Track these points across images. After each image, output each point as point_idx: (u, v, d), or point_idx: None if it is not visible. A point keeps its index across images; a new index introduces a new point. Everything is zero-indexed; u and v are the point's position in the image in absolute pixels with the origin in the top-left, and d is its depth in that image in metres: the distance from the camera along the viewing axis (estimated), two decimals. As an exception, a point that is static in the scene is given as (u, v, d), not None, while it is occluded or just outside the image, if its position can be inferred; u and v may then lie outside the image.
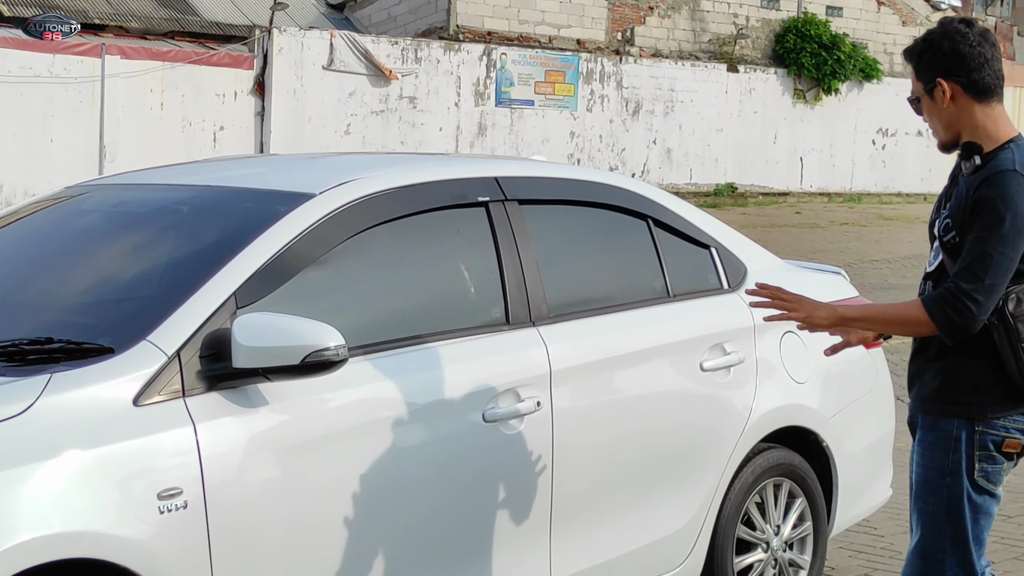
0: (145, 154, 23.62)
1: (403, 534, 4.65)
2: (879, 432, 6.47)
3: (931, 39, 4.43)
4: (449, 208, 5.18)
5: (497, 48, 29.60)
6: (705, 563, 5.64)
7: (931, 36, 4.45)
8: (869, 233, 27.03)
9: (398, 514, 4.63)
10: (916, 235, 26.94)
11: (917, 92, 4.49)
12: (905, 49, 4.58)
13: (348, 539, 4.51)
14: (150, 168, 6.18)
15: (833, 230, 27.28)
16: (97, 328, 4.45)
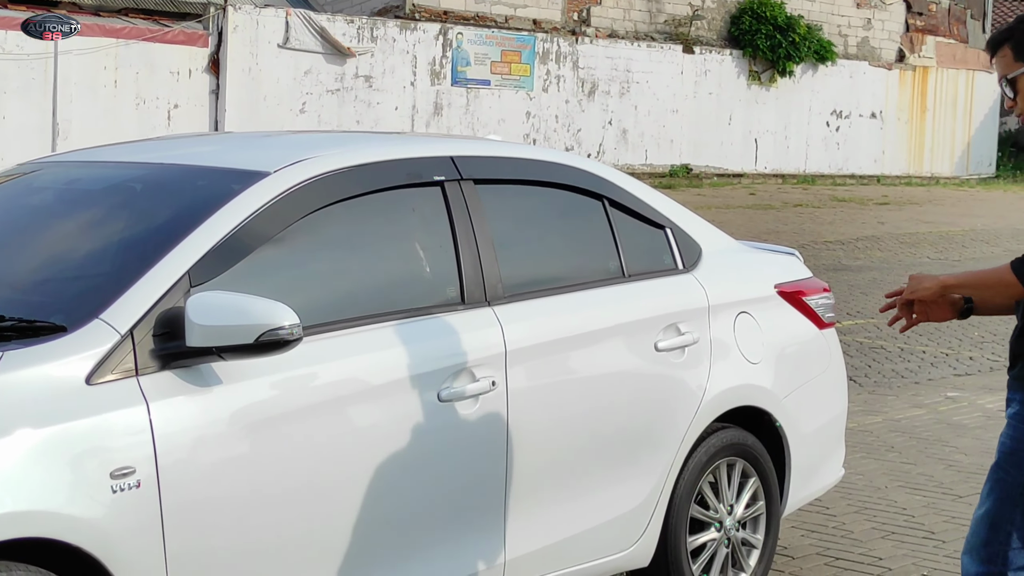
0: (98, 132, 23.54)
1: (357, 513, 4.63)
2: (832, 413, 6.49)
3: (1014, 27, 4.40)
4: (405, 187, 5.17)
5: (453, 27, 29.57)
6: (659, 542, 5.65)
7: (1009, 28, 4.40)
8: (823, 215, 27.14)
9: (353, 493, 4.62)
10: (869, 216, 27.12)
11: (1016, 71, 4.35)
12: (998, 33, 4.46)
13: (302, 518, 4.51)
14: (103, 146, 6.12)
15: (787, 211, 27.40)
16: (49, 306, 4.42)
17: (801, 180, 35.13)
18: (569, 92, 31.33)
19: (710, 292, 5.93)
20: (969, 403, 10.49)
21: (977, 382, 11.36)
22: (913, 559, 6.72)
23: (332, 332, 4.67)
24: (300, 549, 4.52)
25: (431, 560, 4.88)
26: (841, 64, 36.40)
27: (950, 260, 20.68)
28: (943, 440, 9.24)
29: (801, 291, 6.35)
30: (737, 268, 6.23)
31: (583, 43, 31.59)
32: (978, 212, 29.38)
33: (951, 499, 7.81)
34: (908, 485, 8.09)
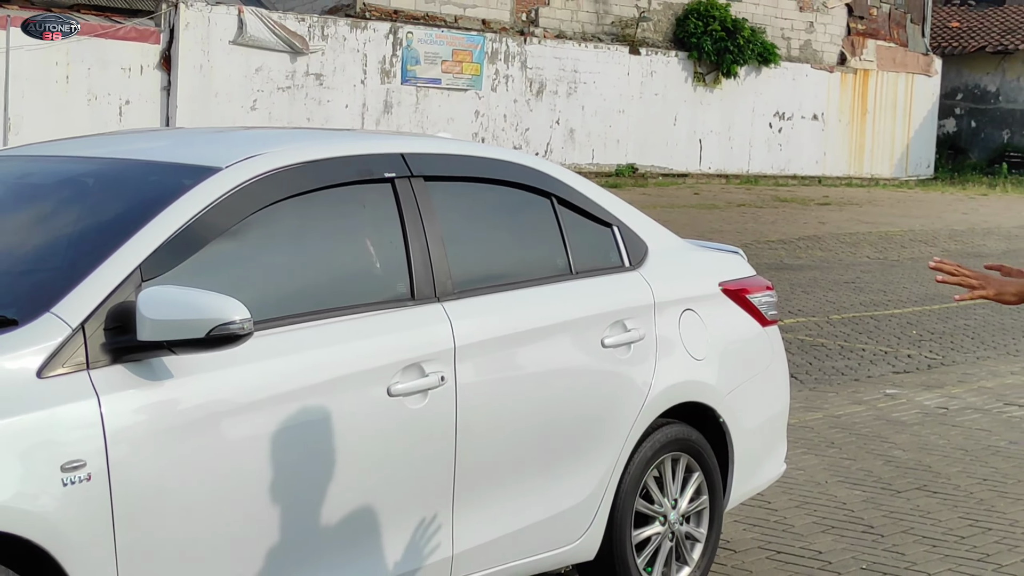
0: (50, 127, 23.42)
1: (307, 507, 4.62)
2: (774, 409, 6.52)
3: None
4: (355, 183, 5.15)
5: (403, 27, 29.53)
6: (604, 535, 5.65)
7: None
8: (765, 215, 27.27)
9: (302, 487, 4.61)
10: (810, 217, 27.27)
11: None
12: None
13: (252, 512, 4.49)
14: (55, 140, 6.08)
15: (730, 211, 27.51)
16: (0, 299, 4.37)
17: (744, 180, 35.32)
18: (517, 92, 31.38)
19: (656, 289, 5.94)
20: (907, 400, 10.55)
21: (915, 380, 11.43)
22: (852, 553, 6.76)
23: (283, 327, 4.64)
24: (249, 542, 4.50)
25: (379, 554, 4.87)
26: (784, 66, 36.62)
27: (889, 260, 20.80)
28: (882, 436, 9.29)
29: (745, 289, 6.37)
30: (682, 266, 6.24)
31: (531, 43, 31.63)
32: (917, 213, 29.58)
33: (890, 494, 7.85)
34: (848, 480, 8.13)
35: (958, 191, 37.39)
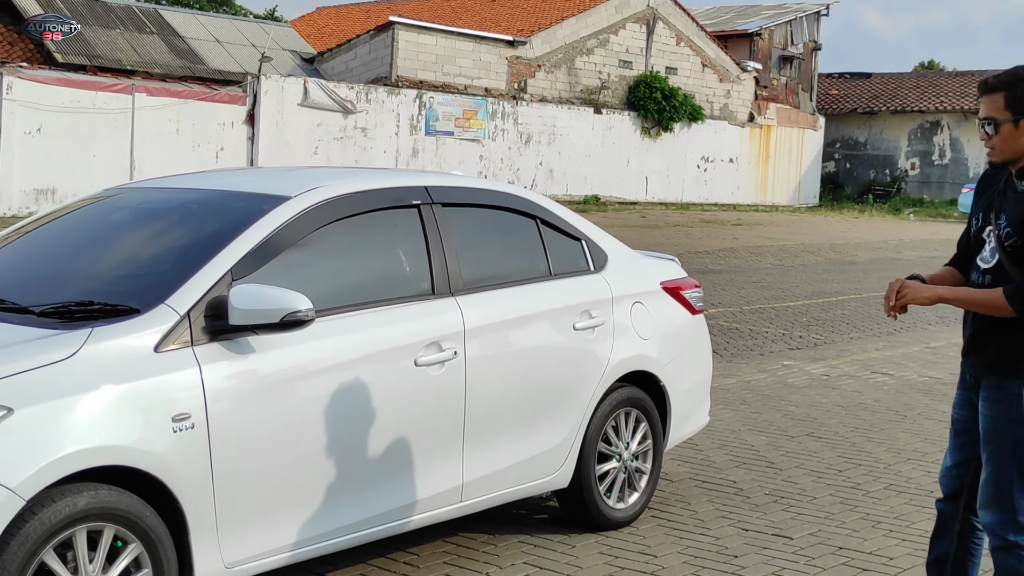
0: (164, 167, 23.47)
1: (352, 447, 4.63)
2: (701, 376, 6.52)
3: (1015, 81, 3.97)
4: (390, 208, 5.15)
5: (427, 93, 29.56)
6: (575, 469, 5.66)
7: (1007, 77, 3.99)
8: (694, 232, 27.29)
9: (349, 433, 4.62)
10: (727, 234, 27.27)
11: (1003, 118, 3.96)
12: (995, 79, 4.01)
13: (313, 452, 4.50)
14: (167, 176, 6.07)
15: (668, 230, 27.53)
16: (127, 294, 4.38)
17: (679, 207, 35.35)
18: (511, 141, 31.42)
19: (613, 287, 5.94)
20: (799, 369, 10.56)
21: (805, 354, 11.44)
22: (759, 482, 6.76)
23: (337, 314, 4.65)
24: (310, 472, 4.51)
25: (408, 481, 4.88)
26: (708, 123, 36.72)
27: (786, 266, 20.80)
28: (780, 396, 9.30)
29: (679, 287, 6.37)
30: (633, 270, 6.23)
31: (521, 105, 31.67)
32: (805, 231, 29.62)
33: (786, 439, 7.86)
34: (755, 428, 8.14)
35: (836, 215, 37.46)
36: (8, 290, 4.61)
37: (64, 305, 4.29)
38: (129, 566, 3.92)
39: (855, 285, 17.69)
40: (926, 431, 8.17)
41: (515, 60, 32.08)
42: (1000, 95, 3.98)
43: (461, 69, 30.83)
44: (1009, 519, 4.07)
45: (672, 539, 5.72)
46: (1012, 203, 4.04)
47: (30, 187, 22.95)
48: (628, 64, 34.83)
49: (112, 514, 3.85)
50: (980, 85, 4.09)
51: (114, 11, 28.90)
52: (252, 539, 4.30)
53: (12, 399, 3.69)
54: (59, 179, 23.07)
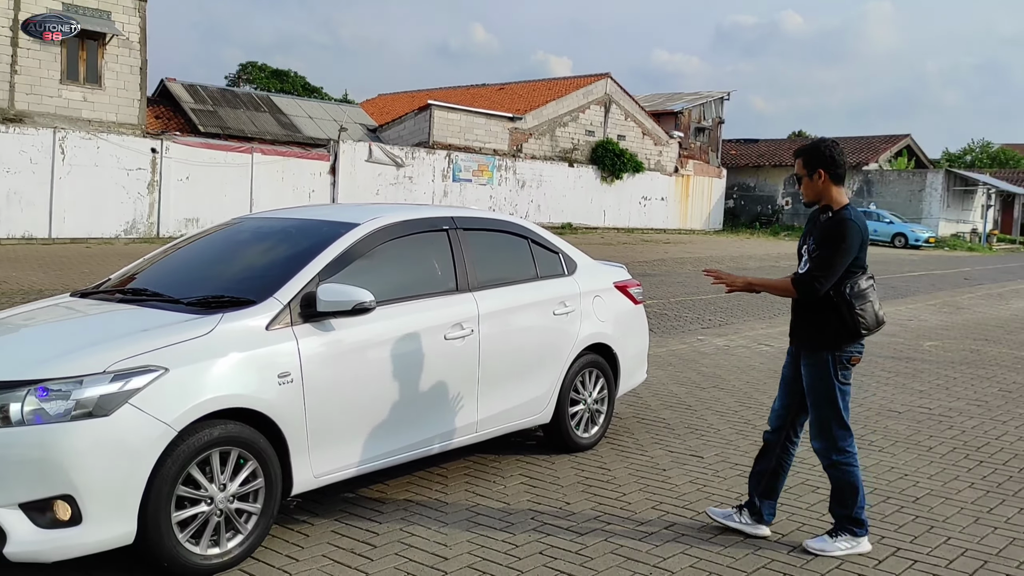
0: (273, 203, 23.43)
1: (402, 395, 4.60)
2: (641, 346, 6.46)
3: (817, 146, 4.15)
4: (428, 231, 5.13)
5: (453, 152, 29.52)
6: (555, 410, 5.62)
7: (818, 145, 4.16)
8: (637, 247, 27.22)
9: (399, 384, 4.59)
10: (659, 249, 27.19)
11: (802, 174, 4.15)
12: (799, 149, 4.19)
13: (373, 398, 4.48)
14: (275, 210, 6.06)
15: (619, 246, 27.44)
16: (246, 290, 4.37)
17: (626, 231, 35.21)
18: (511, 186, 31.35)
19: (581, 285, 5.92)
20: (708, 342, 10.53)
21: (713, 332, 11.41)
22: (679, 419, 6.74)
23: (391, 304, 4.63)
24: (373, 412, 4.49)
25: (439, 419, 4.86)
26: (647, 173, 36.60)
27: (699, 270, 20.74)
28: (695, 360, 9.27)
29: (626, 285, 6.34)
30: (594, 273, 6.21)
31: (519, 161, 31.60)
32: (713, 247, 29.51)
33: (699, 389, 7.84)
34: (677, 382, 8.11)
35: (735, 236, 37.35)
36: (166, 287, 4.62)
37: (204, 298, 4.28)
38: (248, 477, 3.92)
39: (747, 284, 17.58)
40: (795, 384, 8.13)
41: (514, 130, 32.02)
42: (801, 159, 4.20)
43: (477, 136, 30.79)
44: (831, 445, 4.21)
45: (621, 458, 5.71)
46: (817, 229, 4.19)
47: (181, 217, 22.95)
48: (592, 132, 34.76)
49: (237, 441, 3.85)
50: (795, 152, 4.29)
51: (239, 96, 28.98)
52: (332, 458, 4.30)
53: (169, 362, 3.70)
54: (201, 211, 23.05)
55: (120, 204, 21.97)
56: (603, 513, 4.68)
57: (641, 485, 5.16)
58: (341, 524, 4.39)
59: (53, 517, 3.44)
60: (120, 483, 3.50)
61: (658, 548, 4.22)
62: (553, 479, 5.24)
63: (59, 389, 3.48)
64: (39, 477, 3.41)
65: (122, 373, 3.57)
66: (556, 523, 4.52)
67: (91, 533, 3.46)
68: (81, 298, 4.76)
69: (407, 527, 4.39)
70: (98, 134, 21.57)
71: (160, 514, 3.60)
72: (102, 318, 4.27)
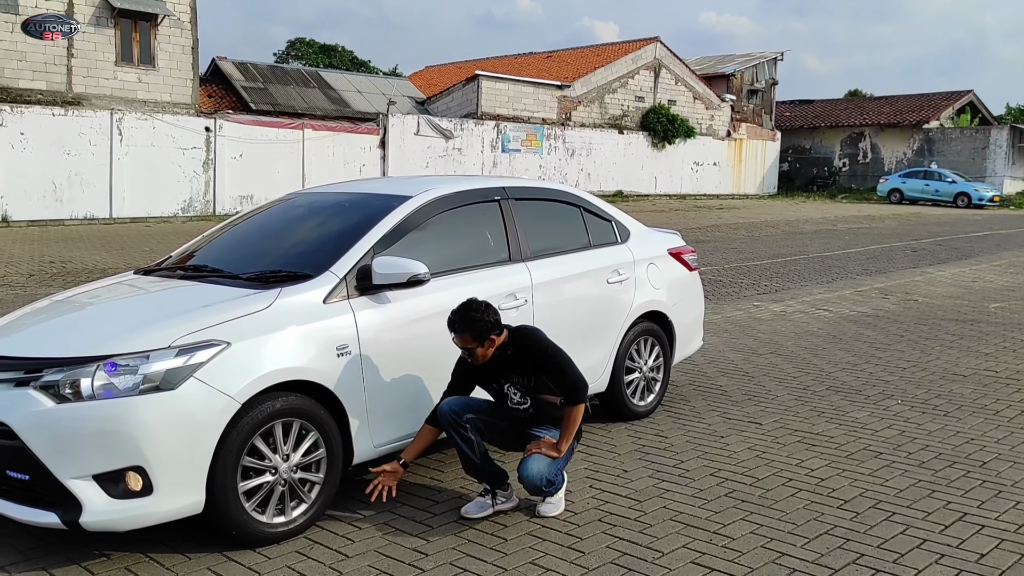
0: (324, 178, 23.66)
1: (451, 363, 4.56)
2: (696, 313, 6.41)
3: (478, 316, 4.08)
4: (480, 203, 5.12)
5: (502, 123, 29.40)
6: (610, 378, 5.63)
7: (476, 315, 4.08)
8: (690, 214, 26.92)
9: (450, 355, 4.52)
10: (713, 215, 26.84)
11: (472, 346, 4.09)
12: (458, 323, 4.09)
13: (431, 368, 4.50)
14: (328, 184, 6.12)
15: (672, 213, 27.17)
16: (303, 264, 4.42)
17: (678, 197, 34.84)
18: (560, 155, 31.17)
19: (634, 253, 5.88)
20: (764, 308, 10.40)
21: (769, 298, 11.27)
22: (737, 386, 6.70)
23: (445, 275, 4.65)
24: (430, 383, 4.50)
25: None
26: (698, 138, 36.10)
27: (754, 236, 20.45)
28: (751, 326, 9.18)
29: (681, 252, 6.29)
30: (648, 241, 6.16)
31: (568, 130, 31.39)
32: (768, 212, 29.06)
33: (756, 356, 7.76)
34: (733, 348, 8.05)
35: (789, 201, 36.68)
36: (225, 263, 4.69)
37: (261, 273, 4.34)
38: (310, 447, 3.99)
39: (803, 249, 17.33)
40: (855, 349, 8.01)
41: (563, 98, 31.76)
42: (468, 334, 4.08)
43: (525, 105, 30.61)
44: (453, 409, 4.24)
45: (678, 426, 5.69)
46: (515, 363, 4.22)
47: (236, 194, 23.31)
48: (642, 98, 34.32)
49: (298, 412, 3.92)
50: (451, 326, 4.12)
51: (289, 73, 29.21)
52: (391, 428, 4.34)
53: (230, 336, 3.77)
54: (255, 188, 23.38)
55: (177, 183, 22.40)
56: (661, 480, 4.68)
57: (699, 452, 5.14)
58: (401, 492, 4.46)
59: (125, 487, 3.55)
60: (188, 454, 3.60)
61: (718, 515, 4.21)
62: (610, 447, 5.25)
63: (127, 364, 3.58)
64: (111, 449, 3.52)
65: (186, 348, 3.65)
66: (614, 490, 4.53)
67: (162, 503, 3.57)
68: (144, 275, 4.86)
69: (465, 495, 4.45)
70: (153, 114, 21.97)
71: (227, 484, 3.70)
72: (165, 294, 4.37)
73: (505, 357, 4.23)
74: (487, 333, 4.13)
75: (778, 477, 4.73)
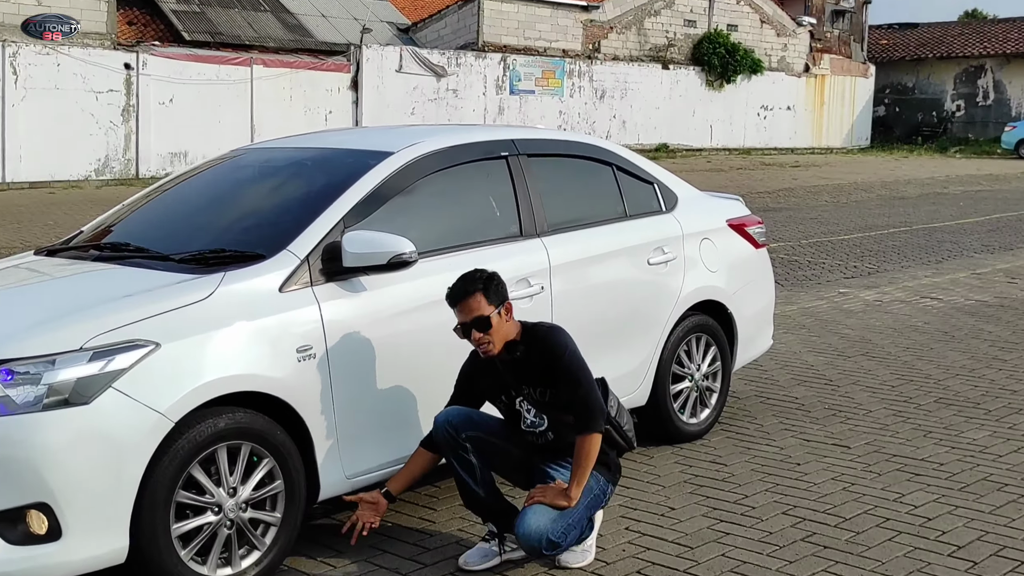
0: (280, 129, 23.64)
1: (454, 374, 4.56)
2: (764, 303, 6.44)
3: (487, 274, 4.17)
4: (482, 160, 5.13)
5: (510, 56, 29.39)
6: (652, 389, 5.64)
7: (483, 274, 4.17)
8: (755, 174, 26.89)
9: (451, 360, 4.50)
10: (786, 175, 26.81)
11: (487, 313, 4.09)
12: (464, 286, 4.14)
13: (421, 378, 4.54)
14: (284, 137, 6.13)
15: (732, 173, 27.16)
16: (253, 242, 4.43)
17: (741, 152, 34.83)
18: (587, 97, 31.19)
19: (684, 225, 5.89)
20: (854, 296, 10.41)
21: (860, 283, 11.27)
22: (818, 398, 6.71)
23: (437, 256, 4.66)
24: (418, 395, 4.55)
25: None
26: (767, 74, 36.04)
27: (840, 203, 20.43)
28: (837, 320, 9.19)
29: (743, 224, 6.29)
30: (701, 209, 6.15)
31: (596, 64, 31.38)
32: (859, 171, 29.01)
33: (842, 359, 7.77)
34: (814, 350, 8.06)
35: (887, 156, 36.59)
36: (151, 241, 4.71)
37: (200, 253, 4.36)
38: (264, 478, 4.01)
39: (904, 218, 17.30)
40: (973, 349, 8.01)
41: (589, 23, 31.70)
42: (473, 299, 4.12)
43: (540, 33, 30.57)
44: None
45: (740, 450, 5.70)
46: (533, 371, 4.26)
47: (165, 151, 23.39)
48: (692, 23, 34.22)
49: (248, 433, 3.94)
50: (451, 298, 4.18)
51: (232, -8, 29.24)
52: (369, 453, 4.37)
53: (159, 335, 3.77)
54: (190, 143, 23.45)
55: (89, 137, 22.46)
56: (718, 521, 4.69)
57: (768, 484, 5.15)
58: (383, 534, 4.48)
59: (26, 531, 3.56)
60: (106, 487, 3.62)
61: (792, 565, 4.22)
62: (652, 478, 5.27)
63: (26, 371, 3.59)
64: (6, 481, 3.52)
65: (103, 350, 3.67)
66: (658, 533, 4.55)
67: (73, 550, 3.59)
68: (47, 257, 4.89)
69: (464, 540, 4.47)
70: (58, 48, 22.00)
71: (156, 526, 3.72)
72: (75, 281, 4.38)
73: (514, 360, 4.23)
74: (504, 295, 4.18)
75: (871, 516, 4.73)
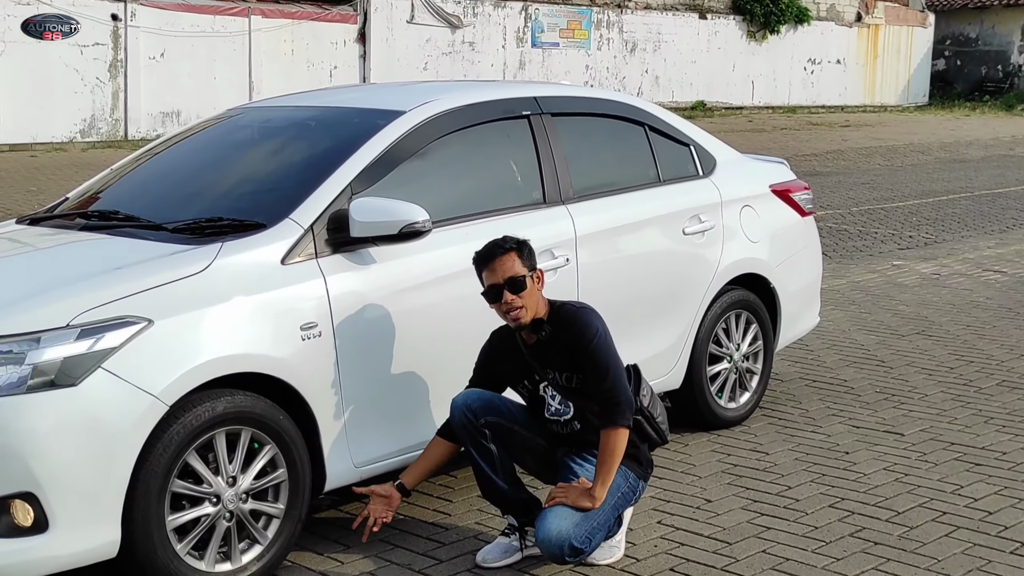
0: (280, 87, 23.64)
1: (471, 353, 4.53)
2: (810, 277, 6.43)
3: (523, 240, 4.26)
4: (502, 120, 5.14)
5: (532, 4, 29.26)
6: (687, 370, 5.65)
7: (519, 238, 4.26)
8: (801, 135, 26.73)
9: (467, 338, 4.56)
10: (835, 136, 26.64)
11: (521, 274, 4.15)
12: (496, 245, 4.21)
13: (437, 357, 4.57)
14: (285, 95, 6.14)
15: (776, 133, 27.00)
16: (253, 210, 4.46)
17: (785, 110, 34.61)
18: (616, 50, 31.07)
19: (722, 191, 5.87)
20: (909, 269, 10.37)
21: (915, 254, 11.21)
22: (869, 381, 6.70)
23: (452, 225, 4.68)
24: (430, 375, 4.57)
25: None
26: (814, 24, 35.76)
27: (895, 166, 20.30)
28: (890, 296, 9.16)
29: (788, 189, 6.27)
30: (741, 174, 6.14)
31: (626, 14, 31.23)
32: (915, 131, 28.80)
33: (896, 337, 7.75)
34: (865, 328, 8.04)
35: (947, 114, 36.29)
36: (142, 209, 4.74)
37: (195, 221, 4.38)
38: (265, 466, 4.04)
39: (966, 183, 17.20)
40: (1040, 328, 7.98)
41: (619, -32, 31.51)
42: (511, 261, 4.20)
43: (565, -21, 30.45)
44: None
45: (783, 437, 5.71)
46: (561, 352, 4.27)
47: (156, 110, 23.41)
48: (733, -32, 33.99)
49: (248, 418, 3.96)
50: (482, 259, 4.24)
51: (228, -64, 29.21)
52: (379, 440, 4.39)
53: (151, 311, 3.79)
54: (183, 102, 23.46)
55: (74, 95, 22.50)
56: (759, 514, 4.70)
57: (813, 475, 5.16)
58: (396, 528, 4.51)
59: (11, 522, 3.61)
60: (96, 476, 3.65)
61: (840, 563, 4.23)
62: (687, 467, 5.28)
63: (9, 351, 3.62)
64: (-11, 469, 3.58)
65: (91, 327, 3.69)
66: (693, 527, 4.57)
67: (61, 543, 3.63)
68: (30, 226, 4.92)
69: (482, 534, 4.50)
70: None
71: (150, 517, 3.75)
72: (60, 252, 4.42)
73: (539, 341, 4.24)
74: (535, 263, 4.26)
75: (926, 510, 4.74)
